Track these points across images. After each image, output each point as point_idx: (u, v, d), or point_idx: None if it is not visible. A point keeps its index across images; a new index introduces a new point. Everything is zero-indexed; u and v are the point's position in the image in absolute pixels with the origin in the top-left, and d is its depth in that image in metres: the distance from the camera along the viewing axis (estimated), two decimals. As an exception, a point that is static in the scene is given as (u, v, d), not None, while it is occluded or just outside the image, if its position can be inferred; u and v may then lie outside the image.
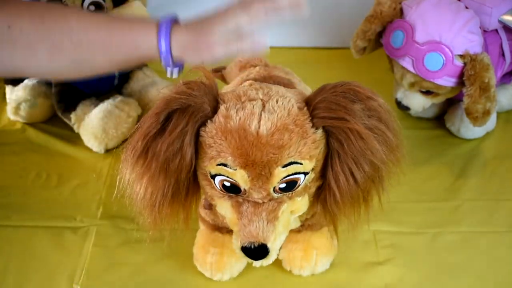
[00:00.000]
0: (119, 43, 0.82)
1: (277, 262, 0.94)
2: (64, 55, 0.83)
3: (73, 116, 1.19)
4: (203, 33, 0.81)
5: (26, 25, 0.81)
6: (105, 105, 1.17)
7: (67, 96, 1.19)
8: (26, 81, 1.25)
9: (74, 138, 1.21)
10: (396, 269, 0.96)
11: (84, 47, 0.82)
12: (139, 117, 1.18)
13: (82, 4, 1.07)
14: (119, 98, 1.19)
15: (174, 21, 0.83)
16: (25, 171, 1.15)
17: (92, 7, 1.08)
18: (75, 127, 1.20)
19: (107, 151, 1.18)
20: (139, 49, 0.81)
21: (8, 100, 1.27)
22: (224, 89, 0.96)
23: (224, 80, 1.15)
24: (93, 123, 1.16)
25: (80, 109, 1.19)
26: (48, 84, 1.24)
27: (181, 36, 0.81)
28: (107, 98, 1.20)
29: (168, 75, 0.84)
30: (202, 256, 0.94)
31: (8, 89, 1.27)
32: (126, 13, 1.08)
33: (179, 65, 0.83)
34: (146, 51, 0.81)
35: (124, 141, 0.76)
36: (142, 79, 1.27)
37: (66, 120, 1.21)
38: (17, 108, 1.24)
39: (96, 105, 1.19)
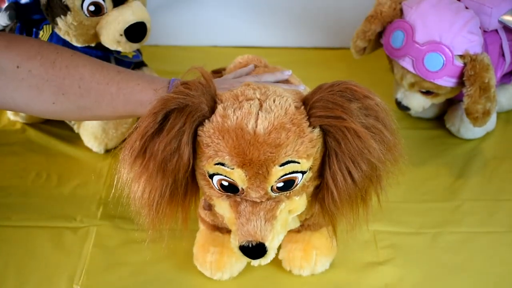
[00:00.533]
0: (126, 98, 0.86)
1: (277, 262, 0.94)
2: (70, 100, 0.86)
3: (73, 116, 1.19)
4: None
5: (36, 67, 0.83)
6: (105, 106, 1.17)
7: (67, 97, 1.19)
8: (26, 82, 1.25)
9: (74, 138, 1.21)
10: (396, 269, 0.96)
11: (92, 96, 0.86)
12: (139, 118, 1.18)
13: (82, 4, 1.07)
14: (119, 98, 1.19)
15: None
16: (25, 171, 1.15)
17: (92, 7, 1.08)
18: (75, 127, 1.20)
19: (107, 151, 1.18)
20: (144, 106, 0.84)
21: (8, 101, 1.27)
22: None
23: (224, 80, 1.15)
24: (93, 123, 1.16)
25: (80, 109, 1.19)
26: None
27: None
28: (107, 98, 1.20)
29: None
30: (202, 256, 0.94)
31: (8, 89, 1.27)
32: (126, 13, 1.08)
33: None
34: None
35: (124, 141, 0.76)
36: (142, 79, 1.27)
37: (66, 120, 1.21)
38: (17, 109, 1.24)
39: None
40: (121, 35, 1.09)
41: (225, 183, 0.75)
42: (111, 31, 1.09)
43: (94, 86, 0.86)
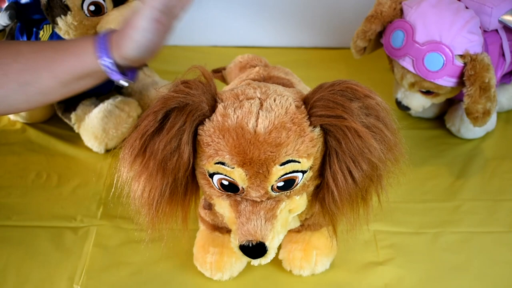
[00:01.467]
0: (62, 58, 0.85)
1: (277, 262, 0.94)
2: (11, 78, 0.85)
3: (73, 116, 1.19)
4: (128, 22, 0.85)
5: None
6: (105, 105, 1.17)
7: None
8: (26, 82, 1.25)
9: (74, 138, 1.21)
10: (396, 269, 0.96)
11: (30, 67, 0.85)
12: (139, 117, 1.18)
13: (82, 4, 1.07)
14: (119, 98, 1.19)
15: (111, 32, 0.87)
16: (25, 171, 1.15)
17: (92, 7, 1.08)
18: (75, 127, 1.20)
19: (107, 151, 1.18)
20: (82, 62, 0.85)
21: (8, 101, 1.27)
22: (224, 89, 0.96)
23: (224, 80, 1.15)
24: (93, 123, 1.16)
25: (80, 109, 1.19)
26: (48, 84, 1.24)
27: (114, 36, 0.85)
28: (107, 98, 1.20)
29: (122, 82, 0.88)
30: (202, 256, 0.94)
31: (8, 89, 1.28)
32: (126, 13, 1.08)
33: (132, 73, 0.88)
34: (89, 63, 0.85)
35: (124, 140, 0.76)
36: (143, 79, 1.27)
37: (66, 120, 1.21)
38: (17, 108, 1.24)
39: (96, 105, 1.19)
40: (121, 35, 1.09)
41: (225, 183, 0.75)
42: (111, 31, 1.09)
43: (30, 56, 0.85)
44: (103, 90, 1.25)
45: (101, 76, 0.88)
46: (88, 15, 1.09)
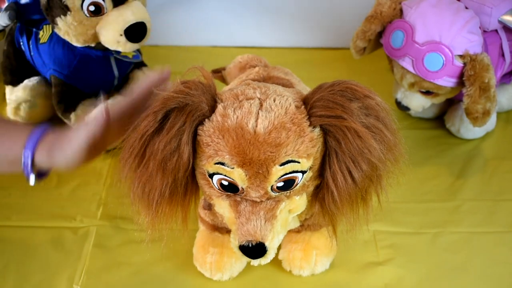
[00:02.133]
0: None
1: (277, 262, 0.94)
2: None
3: (73, 116, 1.19)
4: (64, 131, 0.80)
5: None
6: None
7: (67, 97, 1.19)
8: (25, 82, 1.25)
9: (74, 139, 1.21)
10: (396, 269, 0.96)
11: None
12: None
13: (81, 5, 1.07)
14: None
15: (50, 132, 0.82)
16: (25, 171, 1.15)
17: (92, 7, 1.08)
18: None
19: (107, 151, 1.17)
20: (12, 149, 0.80)
21: (8, 101, 1.27)
22: (224, 89, 0.96)
23: (224, 80, 1.15)
24: (93, 123, 1.16)
25: (80, 109, 1.19)
26: (48, 84, 1.24)
27: (51, 138, 0.80)
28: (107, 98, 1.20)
29: (30, 179, 0.83)
30: (202, 256, 0.94)
31: (8, 89, 1.27)
32: (126, 13, 1.08)
33: (43, 173, 0.83)
34: (13, 156, 0.80)
35: (124, 140, 0.76)
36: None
37: (66, 120, 1.21)
38: (17, 109, 1.24)
39: (96, 106, 1.18)
40: (121, 35, 1.09)
41: (225, 183, 0.74)
42: (111, 31, 1.09)
43: None
44: (102, 91, 1.25)
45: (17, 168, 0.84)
46: (87, 15, 1.09)
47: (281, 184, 0.74)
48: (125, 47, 1.12)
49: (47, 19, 1.13)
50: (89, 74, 1.20)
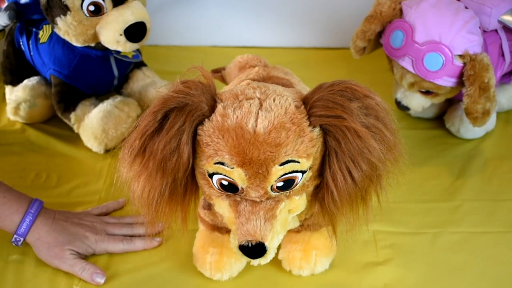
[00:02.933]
0: None
1: (277, 263, 0.94)
2: None
3: (72, 116, 1.19)
4: (54, 249, 0.93)
5: None
6: (104, 105, 1.17)
7: (66, 97, 1.20)
8: (25, 82, 1.25)
9: (74, 138, 1.21)
10: (396, 269, 0.96)
11: None
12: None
13: (81, 4, 1.07)
14: (118, 98, 1.19)
15: (42, 209, 0.95)
16: (25, 171, 1.15)
17: (91, 7, 1.08)
18: (74, 127, 1.20)
19: (107, 151, 1.18)
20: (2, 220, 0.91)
21: (7, 101, 1.27)
22: (224, 89, 0.96)
23: (224, 80, 1.15)
24: (92, 123, 1.16)
25: (79, 109, 1.19)
26: (47, 84, 1.24)
27: (41, 231, 0.93)
28: (107, 98, 1.20)
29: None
30: (202, 256, 0.93)
31: (8, 89, 1.27)
32: (126, 13, 1.08)
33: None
34: (7, 226, 0.92)
35: (124, 140, 0.76)
36: (142, 79, 1.27)
37: (65, 120, 1.21)
38: (16, 109, 1.24)
39: (95, 106, 1.19)
40: (121, 35, 1.09)
41: (225, 183, 0.74)
42: (111, 31, 1.09)
43: None
44: (102, 90, 1.25)
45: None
46: (87, 15, 1.09)
47: (281, 184, 0.74)
48: (125, 47, 1.12)
49: (47, 19, 1.13)
50: (89, 74, 1.20)
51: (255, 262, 0.79)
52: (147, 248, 0.97)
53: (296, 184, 0.75)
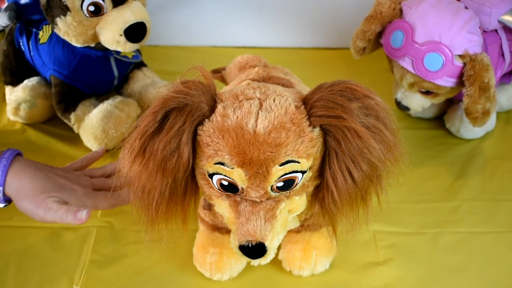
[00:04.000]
0: None
1: (277, 263, 0.94)
2: None
3: (72, 116, 1.19)
4: (40, 196, 0.87)
5: None
6: (104, 106, 1.17)
7: (66, 97, 1.20)
8: (25, 82, 1.25)
9: (74, 139, 1.21)
10: (396, 269, 0.96)
11: None
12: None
13: (81, 5, 1.07)
14: (118, 98, 1.19)
15: (17, 156, 0.89)
16: (25, 171, 1.15)
17: (91, 8, 1.08)
18: (74, 128, 1.20)
19: (107, 151, 1.18)
20: None
21: (7, 101, 1.27)
22: (224, 89, 0.96)
23: (224, 80, 1.15)
24: (92, 123, 1.16)
25: (79, 109, 1.19)
26: (47, 84, 1.24)
27: (19, 180, 0.87)
28: (107, 98, 1.20)
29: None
30: (202, 256, 0.94)
31: (8, 89, 1.28)
32: (126, 13, 1.08)
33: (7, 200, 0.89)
34: None
35: (124, 140, 0.76)
36: (142, 79, 1.28)
37: (65, 120, 1.21)
38: (16, 109, 1.24)
39: (95, 106, 1.19)
40: (120, 35, 1.09)
41: (225, 183, 0.75)
42: (111, 31, 1.09)
43: None
44: (102, 90, 1.25)
45: None
46: (87, 15, 1.09)
47: (281, 184, 0.74)
48: (125, 47, 1.12)
49: (47, 19, 1.13)
50: (89, 74, 1.20)
51: (255, 262, 0.79)
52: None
53: (296, 184, 0.75)
